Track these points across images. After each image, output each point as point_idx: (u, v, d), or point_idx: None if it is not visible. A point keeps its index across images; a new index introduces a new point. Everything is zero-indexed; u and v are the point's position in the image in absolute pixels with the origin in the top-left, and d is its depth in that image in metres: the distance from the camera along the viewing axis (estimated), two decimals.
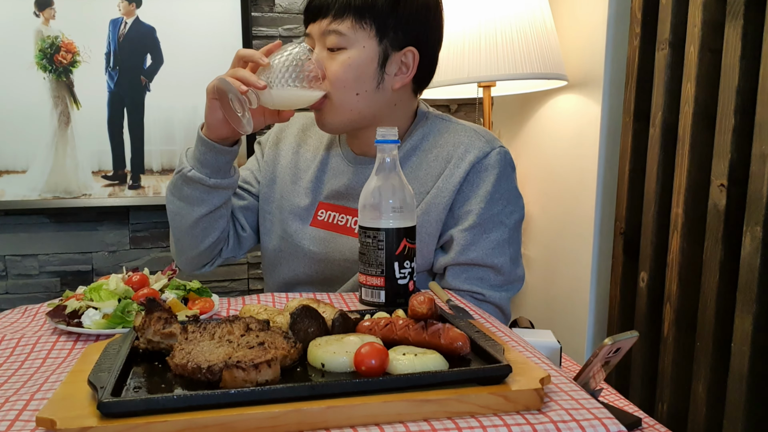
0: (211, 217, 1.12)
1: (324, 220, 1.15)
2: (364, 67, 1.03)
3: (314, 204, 1.17)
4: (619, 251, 1.64)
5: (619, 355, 0.81)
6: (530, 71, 1.64)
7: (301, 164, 1.20)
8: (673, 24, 1.45)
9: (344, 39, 1.02)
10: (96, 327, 0.80)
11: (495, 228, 1.07)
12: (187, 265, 1.20)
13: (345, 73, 1.02)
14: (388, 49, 1.04)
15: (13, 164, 1.89)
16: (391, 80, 1.06)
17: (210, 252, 1.18)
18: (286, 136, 1.24)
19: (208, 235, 1.14)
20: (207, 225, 1.12)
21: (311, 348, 0.64)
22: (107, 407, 0.51)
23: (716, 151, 1.32)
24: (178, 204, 1.11)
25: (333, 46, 1.02)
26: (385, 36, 1.03)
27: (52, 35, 1.87)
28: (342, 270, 1.13)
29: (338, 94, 1.04)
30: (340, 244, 1.12)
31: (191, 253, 1.17)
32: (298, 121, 1.25)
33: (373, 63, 1.04)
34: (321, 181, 1.17)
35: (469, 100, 2.20)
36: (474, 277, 1.07)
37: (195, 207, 1.09)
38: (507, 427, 0.53)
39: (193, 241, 1.14)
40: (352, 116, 1.07)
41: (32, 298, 1.97)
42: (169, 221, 1.15)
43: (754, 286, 1.21)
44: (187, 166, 1.06)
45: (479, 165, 1.06)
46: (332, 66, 1.03)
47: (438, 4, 1.10)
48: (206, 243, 1.15)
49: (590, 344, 1.79)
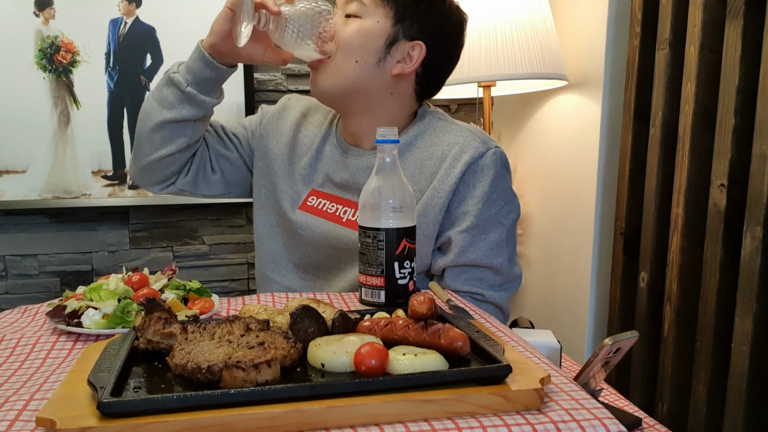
0: (175, 127, 1.11)
1: (313, 206, 1.16)
2: (371, 39, 1.06)
3: (306, 189, 1.18)
4: (619, 251, 1.64)
5: (619, 355, 0.81)
6: (530, 71, 1.64)
7: (298, 149, 1.20)
8: (673, 24, 1.45)
9: (363, 9, 1.06)
10: (96, 327, 0.80)
11: (493, 229, 1.07)
12: (139, 175, 1.20)
13: (352, 37, 1.06)
14: (399, 34, 1.07)
15: (13, 164, 1.89)
16: (392, 64, 1.08)
17: (162, 169, 1.16)
18: (288, 114, 1.25)
19: (166, 145, 1.13)
20: (168, 134, 1.12)
21: (311, 348, 0.64)
22: (107, 407, 0.51)
23: (716, 151, 1.32)
24: (151, 103, 1.12)
25: (351, 13, 1.07)
26: (401, 21, 1.06)
27: (52, 35, 1.87)
28: (327, 257, 1.14)
29: (339, 56, 1.07)
30: (326, 230, 1.13)
31: (144, 160, 1.15)
32: (301, 104, 1.26)
33: (381, 39, 1.06)
34: (315, 169, 1.18)
35: (469, 100, 2.20)
36: (473, 278, 1.07)
37: (164, 110, 1.10)
38: (507, 427, 0.53)
39: (150, 147, 1.14)
40: (345, 83, 1.08)
41: (32, 298, 1.97)
42: (137, 123, 1.15)
43: (754, 286, 1.21)
44: (174, 68, 1.10)
45: (475, 165, 1.06)
46: (344, 30, 1.07)
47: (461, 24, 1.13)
48: (161, 153, 1.13)
49: (590, 344, 1.79)
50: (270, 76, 2.06)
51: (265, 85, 2.05)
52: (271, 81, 2.06)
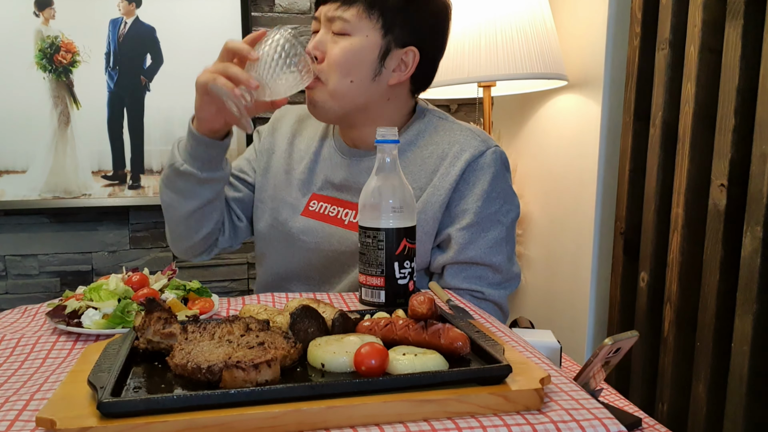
0: (204, 210, 1.12)
1: (315, 211, 1.15)
2: (364, 56, 1.03)
3: (307, 195, 1.17)
4: (619, 251, 1.64)
5: (619, 355, 0.81)
6: (530, 71, 1.64)
7: (295, 155, 1.20)
8: (673, 24, 1.45)
9: (349, 25, 1.02)
10: (96, 327, 0.80)
11: (492, 227, 1.07)
12: (184, 253, 1.21)
13: (344, 57, 1.03)
14: (391, 44, 1.05)
15: (13, 164, 1.89)
16: (388, 75, 1.07)
17: (205, 242, 1.18)
18: (281, 125, 1.24)
19: (202, 226, 1.14)
20: (200, 217, 1.12)
21: (311, 348, 0.64)
22: (107, 407, 0.51)
23: (716, 151, 1.32)
24: (171, 196, 1.11)
25: (338, 31, 1.03)
26: (390, 31, 1.04)
27: (52, 35, 1.87)
28: (332, 261, 1.13)
29: (333, 77, 1.04)
30: (330, 234, 1.12)
31: (186, 243, 1.17)
32: (294, 112, 1.26)
33: (373, 53, 1.04)
34: (314, 172, 1.17)
35: (469, 100, 2.20)
36: (473, 275, 1.07)
37: (187, 200, 1.09)
38: (507, 427, 0.53)
39: (188, 232, 1.15)
40: (343, 103, 1.06)
41: (32, 298, 1.97)
42: (163, 212, 1.15)
43: (754, 286, 1.21)
44: (179, 160, 1.06)
45: (475, 164, 1.07)
46: (333, 49, 1.03)
47: (448, 13, 1.11)
48: (201, 234, 1.15)
49: (590, 344, 1.79)
50: None
51: None
52: None
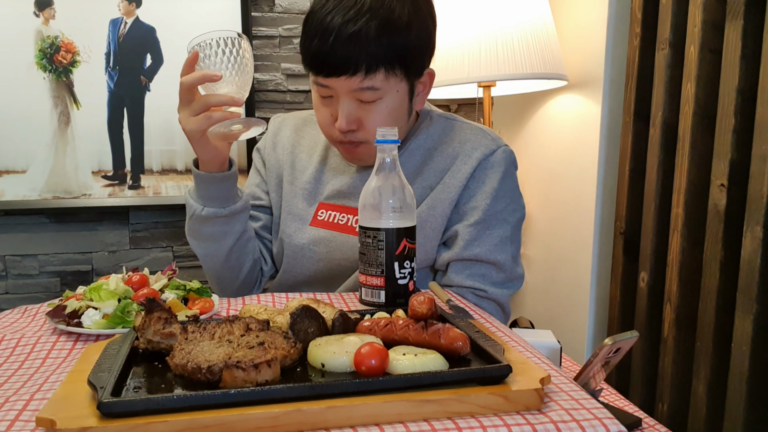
0: (240, 244, 1.11)
1: (324, 220, 1.15)
2: (400, 108, 1.05)
3: (313, 204, 1.17)
4: (619, 251, 1.64)
5: (619, 355, 0.81)
6: (530, 71, 1.64)
7: (298, 165, 1.20)
8: (673, 24, 1.45)
9: (379, 91, 1.00)
10: (96, 327, 0.80)
11: (498, 225, 1.08)
12: (236, 294, 1.16)
13: (384, 120, 1.03)
14: (414, 81, 1.06)
15: (13, 164, 1.89)
16: (416, 103, 1.09)
17: (251, 276, 1.17)
18: (280, 139, 1.24)
19: (244, 262, 1.14)
20: (239, 253, 1.12)
21: (311, 348, 0.64)
22: (107, 407, 0.51)
23: (716, 151, 1.32)
24: (204, 246, 1.11)
25: (369, 100, 1.01)
26: (411, 73, 1.04)
27: (52, 35, 1.87)
28: (343, 269, 1.13)
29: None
30: (341, 243, 1.12)
31: (234, 285, 1.16)
32: (290, 122, 1.26)
33: (405, 100, 1.05)
34: (320, 182, 1.17)
35: (469, 100, 2.20)
36: (476, 273, 1.07)
37: (221, 241, 1.09)
38: (507, 427, 0.53)
39: (233, 274, 1.14)
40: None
41: (32, 298, 1.97)
42: (202, 264, 1.14)
43: (754, 286, 1.21)
44: (198, 207, 1.05)
45: (486, 162, 1.08)
46: (369, 115, 1.02)
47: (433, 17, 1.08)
48: (245, 270, 1.15)
49: (590, 344, 1.79)
50: (270, 76, 2.06)
51: (265, 85, 2.05)
52: (271, 81, 2.06)
